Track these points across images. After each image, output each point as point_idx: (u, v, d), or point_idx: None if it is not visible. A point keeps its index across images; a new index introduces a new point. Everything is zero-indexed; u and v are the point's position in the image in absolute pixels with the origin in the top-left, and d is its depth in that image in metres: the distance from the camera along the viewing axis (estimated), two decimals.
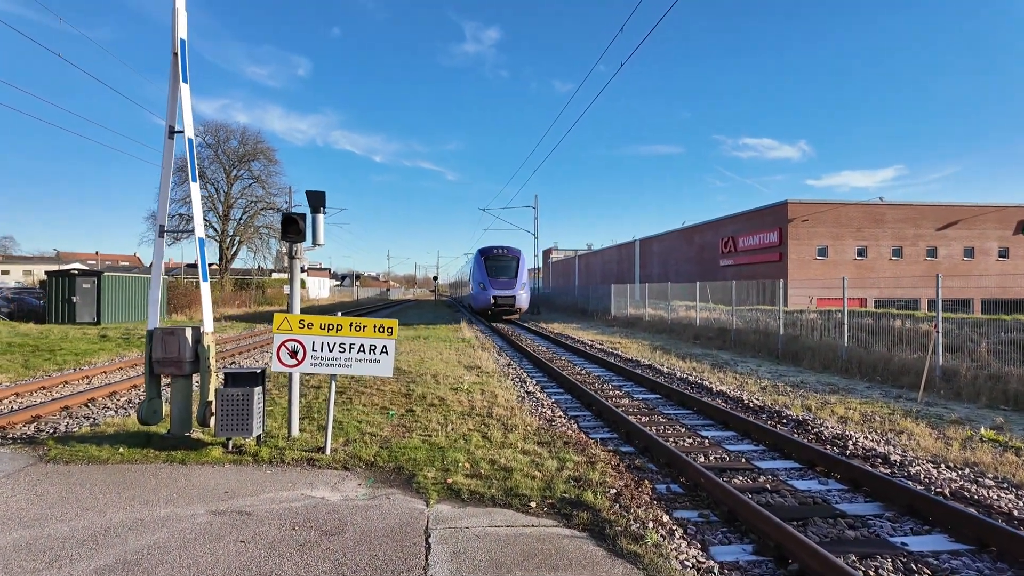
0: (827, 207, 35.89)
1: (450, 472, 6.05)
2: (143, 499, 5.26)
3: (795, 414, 9.22)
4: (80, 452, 6.47)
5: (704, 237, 45.11)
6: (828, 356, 14.94)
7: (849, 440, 7.53)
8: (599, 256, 70.90)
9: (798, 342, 16.70)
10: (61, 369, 13.82)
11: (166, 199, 7.13)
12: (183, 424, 7.05)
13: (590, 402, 10.02)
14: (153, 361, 6.96)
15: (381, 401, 9.58)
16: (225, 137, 47.95)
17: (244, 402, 6.48)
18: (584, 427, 8.48)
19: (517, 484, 5.67)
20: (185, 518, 4.86)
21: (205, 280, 7.11)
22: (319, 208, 7.35)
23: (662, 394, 10.94)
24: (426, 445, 7.00)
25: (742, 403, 10.08)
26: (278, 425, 7.83)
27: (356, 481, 5.89)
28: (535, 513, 5.08)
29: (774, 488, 5.89)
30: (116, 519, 4.81)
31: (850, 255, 36.31)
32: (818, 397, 10.88)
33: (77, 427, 8.19)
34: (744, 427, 8.20)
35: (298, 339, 6.68)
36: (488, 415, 8.68)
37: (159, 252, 7.11)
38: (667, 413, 9.41)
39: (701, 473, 5.83)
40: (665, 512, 5.17)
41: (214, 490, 5.54)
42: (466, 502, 5.33)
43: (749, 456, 7.06)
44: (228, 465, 6.27)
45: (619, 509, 5.09)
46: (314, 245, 7.40)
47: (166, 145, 7.03)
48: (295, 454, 6.56)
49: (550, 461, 6.38)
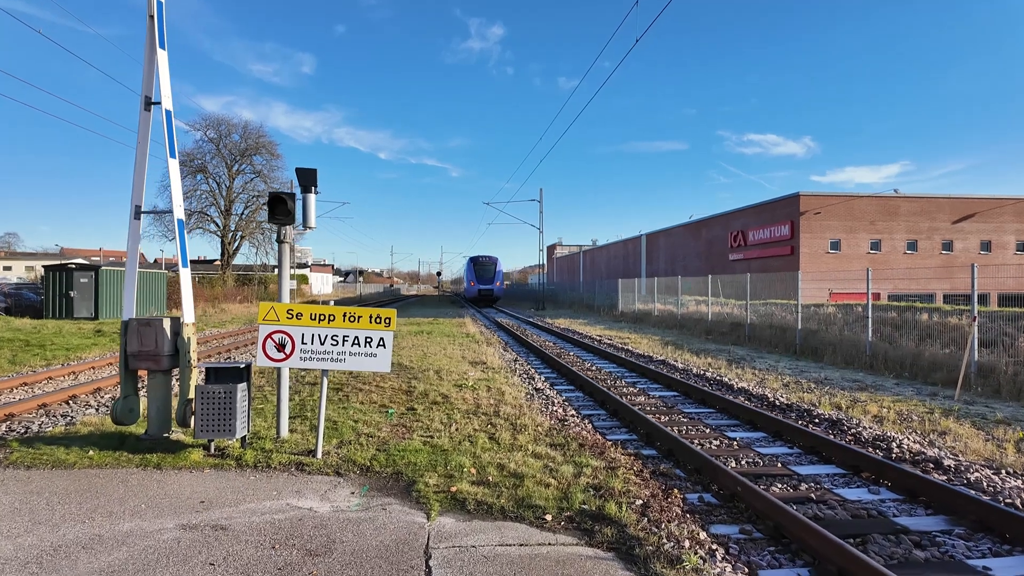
0: (840, 200, 35.05)
1: (454, 479, 5.41)
2: (106, 511, 4.63)
3: (826, 413, 8.54)
4: (45, 456, 5.85)
5: (712, 231, 44.30)
6: (851, 351, 14.23)
7: (892, 442, 6.85)
8: (604, 251, 70.10)
9: (817, 337, 15.99)
10: (49, 364, 13.23)
11: (142, 177, 6.48)
12: (162, 424, 6.42)
13: (604, 400, 9.36)
14: (128, 355, 6.33)
15: (380, 399, 8.94)
16: (227, 131, 47.35)
17: (226, 400, 5.85)
18: (600, 427, 7.82)
19: (530, 493, 5.02)
20: (150, 534, 4.23)
21: (185, 266, 6.47)
22: (310, 187, 6.70)
23: (680, 391, 10.27)
24: (428, 447, 6.35)
25: (767, 401, 9.40)
26: (268, 425, 7.20)
27: (349, 489, 5.25)
28: (551, 528, 4.42)
29: (820, 498, 5.22)
30: (70, 535, 4.18)
31: (863, 248, 35.47)
32: (846, 394, 10.19)
33: (52, 426, 7.58)
34: (774, 427, 7.53)
35: (286, 331, 6.04)
36: (495, 414, 8.03)
37: (134, 236, 6.47)
38: (688, 412, 8.73)
39: (738, 480, 5.17)
40: (701, 527, 4.51)
41: (188, 500, 4.91)
42: (472, 514, 4.68)
43: (785, 460, 6.39)
44: (208, 470, 5.64)
45: (648, 524, 4.43)
46: (304, 228, 6.75)
47: (141, 117, 6.39)
48: (283, 458, 5.93)
49: (565, 466, 5.72)
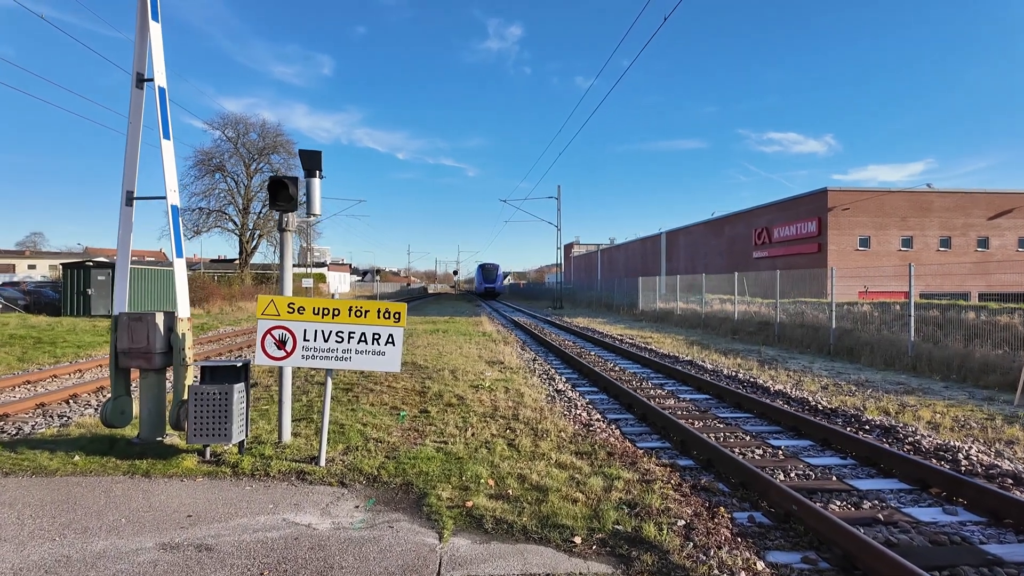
0: (869, 195, 33.86)
1: (470, 491, 4.83)
2: (81, 526, 4.13)
3: (875, 418, 7.82)
4: (26, 461, 5.39)
5: (735, 228, 43.22)
6: (890, 352, 13.39)
7: (958, 452, 6.13)
8: (622, 250, 69.13)
9: (852, 336, 15.16)
10: (57, 362, 12.94)
11: (135, 160, 6.01)
12: (154, 427, 5.94)
13: (630, 403, 8.72)
14: (119, 352, 5.86)
15: (392, 400, 8.41)
16: (245, 130, 47.29)
17: (222, 402, 5.34)
18: (628, 434, 7.19)
19: (555, 510, 4.43)
20: (125, 555, 3.72)
21: (179, 256, 5.98)
22: (315, 171, 6.17)
23: (712, 394, 9.59)
24: (441, 455, 5.79)
25: (808, 405, 8.70)
26: (271, 428, 6.69)
27: (353, 502, 4.70)
28: (581, 554, 3.83)
29: (888, 518, 4.55)
30: (34, 556, 3.68)
31: (894, 245, 34.22)
32: (892, 398, 9.44)
33: (45, 427, 7.17)
34: (821, 434, 6.84)
35: (287, 326, 5.52)
36: (514, 417, 7.45)
37: (126, 223, 5.99)
38: (723, 417, 8.06)
39: (792, 498, 4.52)
40: (756, 555, 3.88)
41: (174, 513, 4.40)
42: (490, 535, 4.10)
43: (839, 473, 5.72)
44: (200, 479, 5.14)
45: (694, 550, 3.81)
46: (308, 215, 6.23)
47: (133, 96, 5.91)
48: (283, 465, 5.41)
49: (594, 479, 5.12)
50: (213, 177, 45.64)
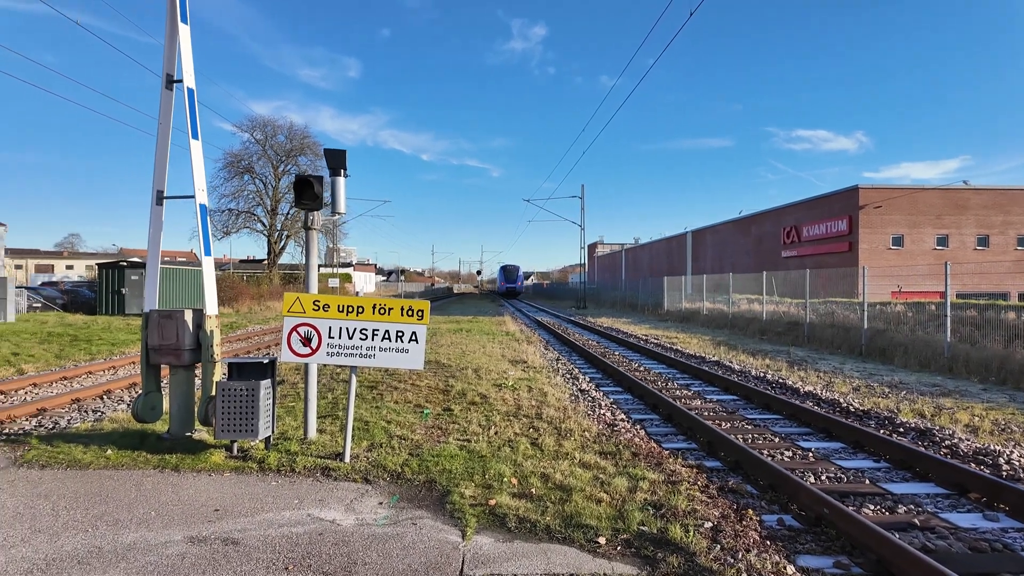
0: (902, 193, 32.97)
1: (493, 490, 4.81)
2: (112, 518, 4.22)
3: (909, 420, 7.59)
4: (61, 454, 5.53)
5: (763, 227, 42.49)
6: (925, 353, 13.00)
7: (999, 457, 5.91)
8: (647, 249, 68.52)
9: (885, 337, 14.76)
10: (92, 359, 13.30)
11: (164, 160, 6.12)
12: (184, 423, 6.05)
13: (655, 403, 8.61)
14: (149, 349, 5.98)
15: (415, 398, 8.44)
16: (272, 133, 48.11)
17: (249, 398, 5.41)
18: (653, 434, 7.10)
19: (579, 510, 4.38)
20: (154, 548, 3.78)
21: (208, 254, 6.08)
22: (340, 170, 6.22)
23: (739, 395, 9.42)
24: (464, 452, 5.78)
25: (839, 407, 8.48)
26: (296, 425, 6.76)
27: (377, 498, 4.72)
28: (605, 554, 3.77)
29: (925, 524, 4.40)
30: (68, 547, 3.76)
31: (929, 244, 33.27)
32: (927, 400, 9.16)
33: (80, 421, 7.36)
34: (853, 437, 6.66)
35: (312, 323, 5.57)
36: (537, 416, 7.41)
37: (156, 223, 6.11)
38: (751, 418, 7.90)
39: (823, 501, 4.40)
40: (786, 559, 3.78)
41: (202, 507, 4.46)
42: (513, 533, 4.07)
43: (873, 476, 5.55)
44: (228, 474, 5.21)
45: (722, 553, 3.73)
46: (333, 214, 6.28)
47: (163, 97, 6.03)
48: (308, 461, 5.45)
49: (619, 479, 5.05)
50: (242, 179, 46.54)
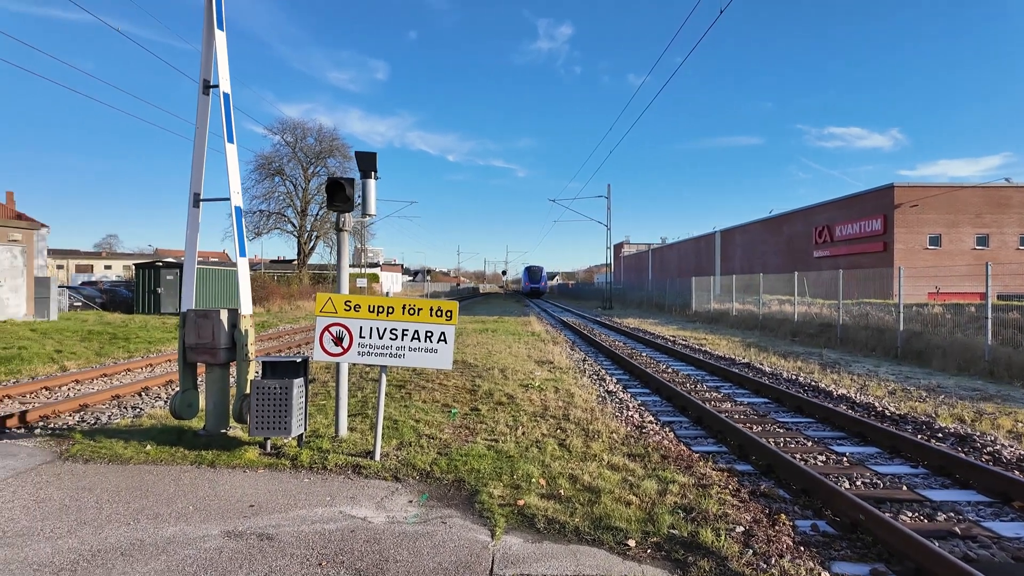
0: (940, 191, 32.02)
1: (521, 490, 4.83)
2: (152, 512, 4.35)
3: (948, 426, 7.39)
4: (104, 449, 5.71)
5: (794, 227, 41.69)
6: (965, 356, 12.62)
7: None
8: (674, 249, 67.80)
9: (922, 339, 14.37)
10: (131, 356, 13.70)
11: (201, 163, 6.28)
12: (219, 420, 6.20)
13: (684, 405, 8.53)
14: (186, 348, 6.14)
15: (443, 397, 8.50)
16: (302, 135, 48.93)
17: (282, 396, 5.52)
18: (682, 437, 7.03)
19: (608, 512, 4.37)
20: (193, 542, 3.89)
21: (242, 255, 6.22)
22: (370, 172, 6.31)
23: (770, 398, 9.27)
24: (492, 453, 5.81)
25: (875, 411, 8.29)
26: (328, 423, 6.87)
27: (407, 497, 4.77)
28: (635, 557, 3.76)
29: (966, 532, 4.28)
30: (111, 539, 3.89)
31: (968, 244, 32.25)
32: (967, 405, 8.89)
33: (120, 417, 7.59)
34: (889, 441, 6.51)
35: (344, 323, 5.65)
36: (564, 417, 7.41)
37: (193, 224, 6.28)
38: (783, 421, 7.78)
39: (859, 507, 4.31)
40: (820, 565, 3.71)
41: (238, 503, 4.57)
42: (542, 534, 4.08)
43: (910, 482, 5.42)
44: (262, 470, 5.32)
45: (754, 558, 3.69)
46: (364, 215, 6.37)
47: (200, 102, 6.19)
48: (339, 459, 5.54)
49: (648, 481, 5.02)
50: (273, 180, 47.40)
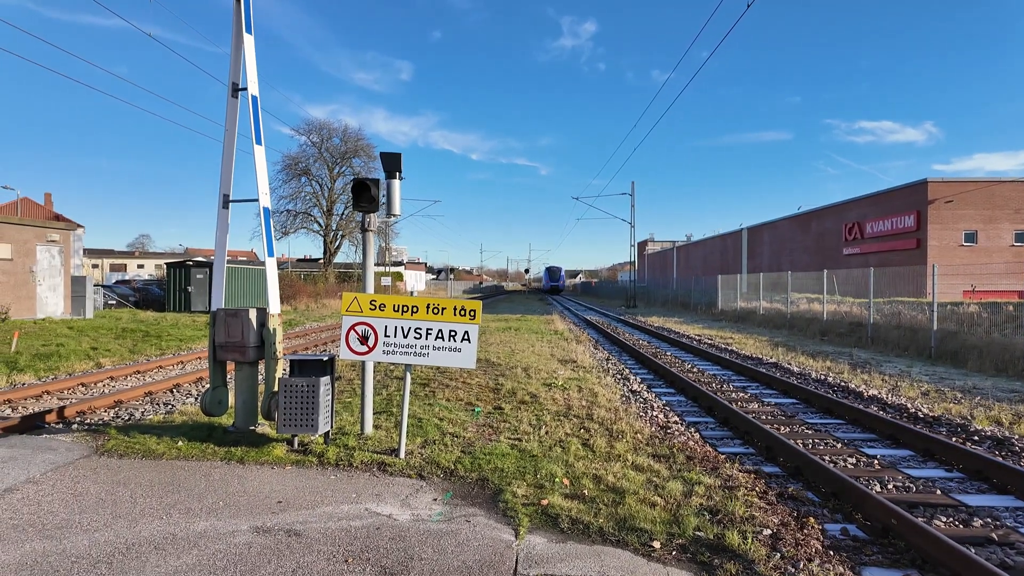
0: (976, 186, 31.08)
1: (545, 490, 4.83)
2: (184, 507, 4.45)
3: (985, 428, 7.18)
4: (137, 445, 5.87)
5: (823, 223, 40.89)
6: (1003, 357, 12.24)
7: None
8: (700, 247, 67.03)
9: (957, 339, 13.98)
10: (163, 354, 14.04)
11: (230, 165, 6.41)
12: (248, 417, 6.32)
13: (710, 406, 8.43)
14: (216, 346, 6.27)
15: (467, 396, 8.54)
16: (328, 135, 49.59)
17: (309, 394, 5.60)
18: (708, 438, 6.96)
19: (632, 513, 4.34)
20: (223, 536, 3.97)
21: (271, 255, 6.33)
22: (395, 173, 6.36)
23: (799, 398, 9.11)
24: (515, 452, 5.82)
25: (907, 412, 8.09)
26: (354, 420, 6.96)
27: (431, 495, 4.81)
28: (660, 559, 3.73)
29: (1004, 539, 4.16)
30: (145, 533, 4.00)
31: (1007, 240, 31.25)
32: (1005, 407, 8.62)
33: (153, 414, 7.79)
34: (922, 444, 6.35)
35: (369, 322, 5.71)
36: (588, 417, 7.38)
37: (223, 225, 6.41)
38: (812, 423, 7.64)
39: (891, 511, 4.22)
40: (851, 570, 3.64)
41: (267, 498, 4.65)
42: (566, 534, 4.08)
43: (944, 487, 5.28)
44: (289, 467, 5.41)
45: (782, 562, 3.63)
46: (389, 215, 6.43)
47: (229, 104, 6.31)
48: (365, 456, 5.61)
49: (673, 483, 4.98)
50: (299, 180, 48.10)
